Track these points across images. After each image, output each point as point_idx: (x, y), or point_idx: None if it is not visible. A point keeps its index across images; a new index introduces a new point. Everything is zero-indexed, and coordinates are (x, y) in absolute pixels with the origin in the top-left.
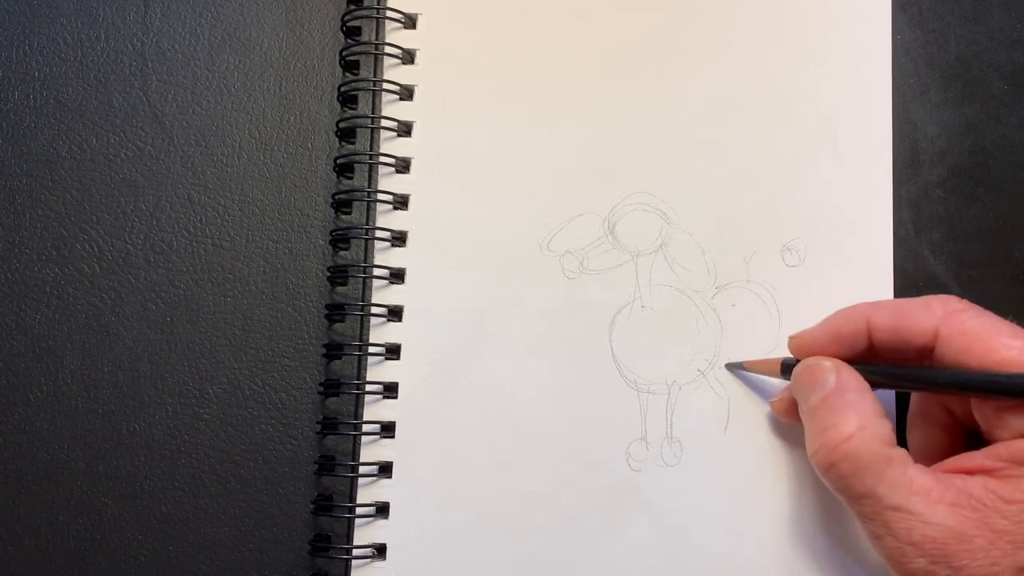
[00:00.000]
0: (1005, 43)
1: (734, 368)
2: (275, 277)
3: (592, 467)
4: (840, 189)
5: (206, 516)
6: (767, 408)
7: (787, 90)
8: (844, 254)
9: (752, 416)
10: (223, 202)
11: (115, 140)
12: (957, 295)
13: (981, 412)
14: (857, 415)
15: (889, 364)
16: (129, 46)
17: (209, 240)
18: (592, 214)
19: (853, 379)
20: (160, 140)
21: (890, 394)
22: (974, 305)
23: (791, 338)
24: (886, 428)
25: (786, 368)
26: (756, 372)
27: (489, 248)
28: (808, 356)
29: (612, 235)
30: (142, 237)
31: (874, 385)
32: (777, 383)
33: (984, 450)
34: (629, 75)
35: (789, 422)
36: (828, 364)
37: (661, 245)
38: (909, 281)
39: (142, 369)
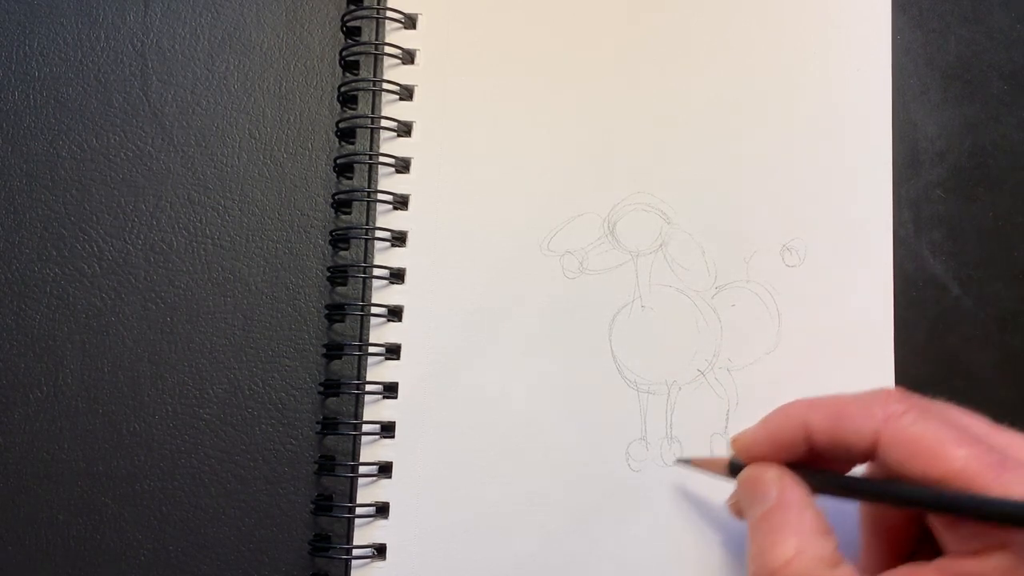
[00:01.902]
0: (1005, 43)
1: (683, 464)
2: (275, 277)
3: (592, 467)
4: (840, 189)
5: (206, 516)
6: (767, 409)
7: (787, 90)
8: (844, 254)
9: (752, 416)
10: (223, 202)
11: (115, 140)
12: (956, 295)
13: (931, 521)
14: (796, 536)
15: (834, 472)
16: (129, 46)
17: (209, 240)
18: (592, 214)
19: (795, 492)
20: (160, 140)
21: None
22: (918, 404)
23: (733, 439)
24: (828, 548)
25: (734, 469)
26: (704, 470)
27: (489, 248)
28: (751, 460)
29: (612, 235)
30: (142, 237)
31: (820, 492)
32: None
33: (935, 563)
34: (629, 75)
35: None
36: (771, 476)
37: (661, 245)
38: (909, 281)
39: (142, 369)
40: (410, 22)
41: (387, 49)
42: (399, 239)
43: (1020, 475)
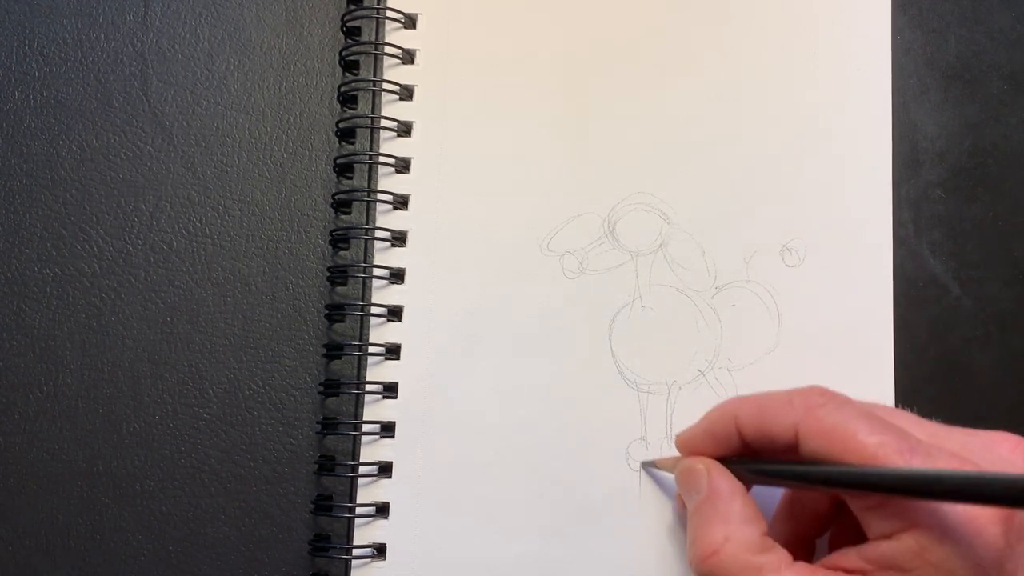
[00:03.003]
0: (1005, 43)
1: (648, 466)
2: (275, 277)
3: (592, 467)
4: (840, 189)
5: (206, 516)
6: None
7: (787, 90)
8: (844, 254)
9: None
10: (223, 202)
11: (115, 140)
12: (956, 295)
13: (854, 509)
14: (724, 524)
15: (765, 460)
16: (129, 46)
17: (209, 240)
18: (592, 214)
19: (724, 482)
20: (160, 140)
21: None
22: (837, 397)
23: (676, 437)
24: (755, 534)
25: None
26: (665, 470)
27: (489, 248)
28: (691, 455)
29: (612, 235)
30: (142, 237)
31: (751, 483)
32: None
33: (859, 548)
34: (629, 75)
35: None
36: (700, 467)
37: (661, 245)
38: (909, 281)
39: (142, 369)
40: (410, 22)
41: (387, 49)
42: (399, 239)
43: (927, 460)
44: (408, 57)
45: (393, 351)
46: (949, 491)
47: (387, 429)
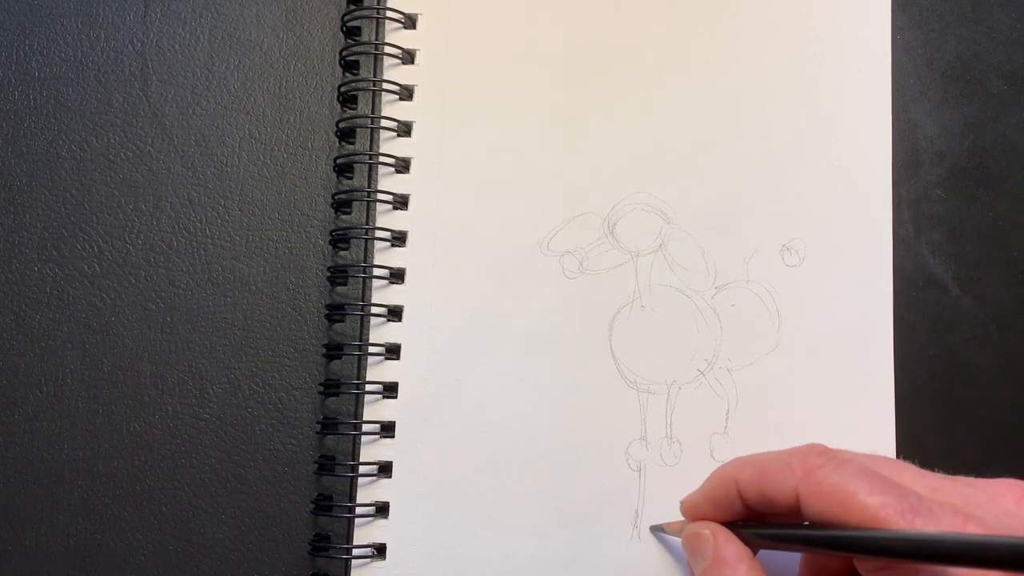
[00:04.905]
0: (1005, 43)
1: (656, 531)
2: (275, 277)
3: (592, 467)
4: (840, 189)
5: (206, 516)
6: (767, 409)
7: (787, 90)
8: (844, 254)
9: (752, 416)
10: (223, 202)
11: (115, 140)
12: (956, 295)
13: (861, 570)
14: None
15: (771, 523)
16: (129, 46)
17: (209, 240)
18: (592, 214)
19: (731, 547)
20: (160, 140)
21: None
22: (836, 456)
23: (681, 502)
24: None
25: None
26: (673, 535)
27: (489, 248)
28: (695, 519)
29: (612, 235)
30: (142, 237)
31: (759, 547)
32: None
33: None
34: (629, 75)
35: None
36: (706, 532)
37: (661, 245)
38: (909, 281)
39: (142, 369)
40: (410, 22)
41: (387, 49)
42: (399, 239)
43: (930, 519)
44: (408, 57)
45: (393, 351)
46: (950, 555)
47: (387, 429)
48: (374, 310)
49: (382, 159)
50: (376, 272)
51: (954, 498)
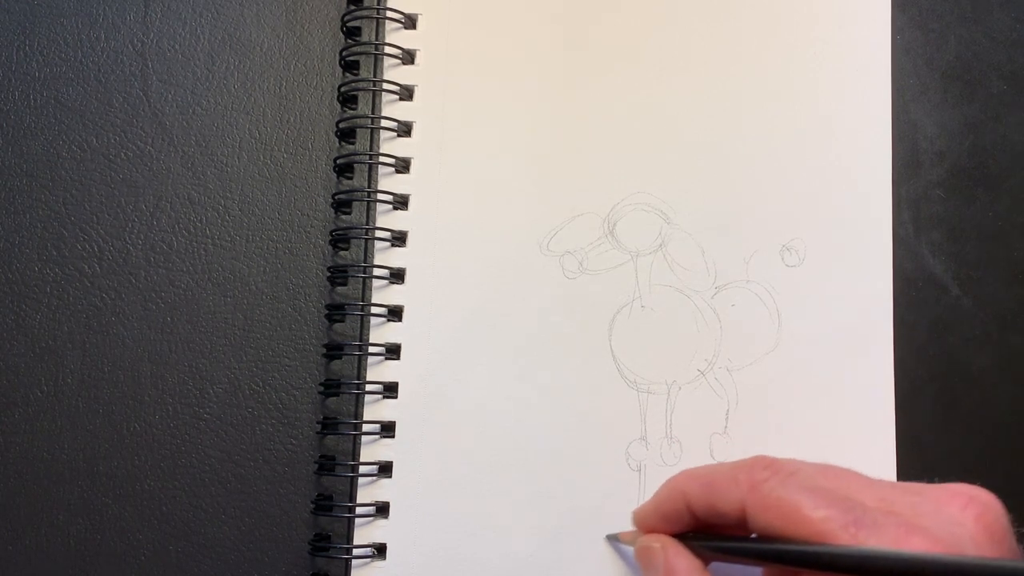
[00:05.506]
0: (1005, 43)
1: (612, 540)
2: (275, 277)
3: (592, 467)
4: (840, 189)
5: (206, 516)
6: (767, 409)
7: (787, 90)
8: (844, 254)
9: (752, 416)
10: (223, 202)
11: (115, 140)
12: (956, 295)
13: None
14: None
15: (722, 536)
16: (129, 46)
17: (209, 240)
18: (592, 214)
19: (681, 561)
20: (160, 140)
21: None
22: (782, 468)
23: (634, 512)
24: None
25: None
26: (627, 544)
27: (489, 248)
28: (647, 531)
29: (612, 235)
30: (142, 237)
31: (710, 559)
32: None
33: None
34: (629, 75)
35: None
36: (656, 546)
37: (661, 245)
38: (909, 281)
39: (142, 369)
40: (410, 22)
41: (387, 49)
42: (399, 239)
43: (874, 532)
44: (408, 57)
45: (393, 351)
46: (890, 571)
47: (387, 429)
48: (374, 310)
49: (382, 159)
50: (376, 272)
51: (900, 508)
